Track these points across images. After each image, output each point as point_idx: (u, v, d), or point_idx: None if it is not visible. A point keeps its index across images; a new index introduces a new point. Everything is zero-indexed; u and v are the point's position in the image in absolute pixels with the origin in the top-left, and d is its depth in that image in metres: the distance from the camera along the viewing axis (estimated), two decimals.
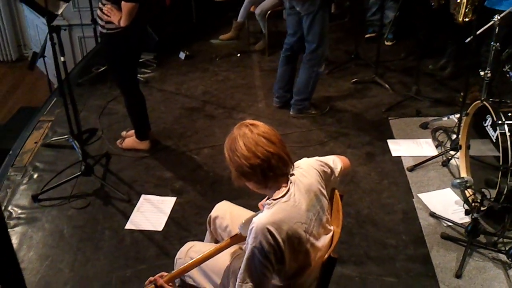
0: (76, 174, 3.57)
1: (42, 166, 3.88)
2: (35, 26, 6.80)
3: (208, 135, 4.24)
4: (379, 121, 4.36)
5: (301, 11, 4.03)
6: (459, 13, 4.38)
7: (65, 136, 4.07)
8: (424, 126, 4.20)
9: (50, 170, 3.81)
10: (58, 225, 3.33)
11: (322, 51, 4.19)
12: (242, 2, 5.65)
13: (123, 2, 3.31)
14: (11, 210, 3.45)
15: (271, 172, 1.96)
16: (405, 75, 5.08)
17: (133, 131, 4.01)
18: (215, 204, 2.56)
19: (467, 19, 4.31)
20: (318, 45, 4.13)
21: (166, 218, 3.34)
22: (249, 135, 1.95)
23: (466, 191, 3.34)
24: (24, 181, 3.72)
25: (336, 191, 2.23)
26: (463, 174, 3.51)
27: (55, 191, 3.56)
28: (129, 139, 4.03)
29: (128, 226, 3.29)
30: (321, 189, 2.10)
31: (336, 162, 2.25)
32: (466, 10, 4.29)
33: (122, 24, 3.37)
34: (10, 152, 4.10)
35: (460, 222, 3.23)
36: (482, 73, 3.40)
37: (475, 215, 2.97)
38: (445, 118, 4.18)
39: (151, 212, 3.39)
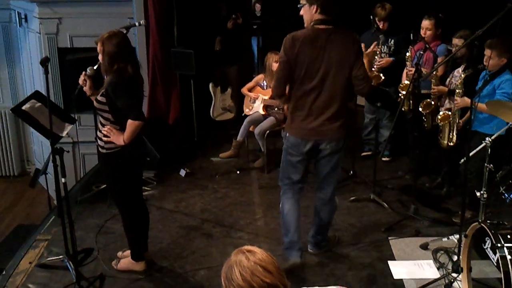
0: None
1: None
2: (40, 143, 6.98)
3: (205, 255, 4.17)
4: (379, 241, 4.30)
5: (326, 149, 3.74)
6: (443, 138, 4.54)
7: (60, 257, 4.00)
8: (424, 246, 4.14)
9: None
10: None
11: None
12: (241, 122, 5.86)
13: (129, 120, 3.40)
14: None
15: None
16: (402, 193, 5.11)
17: (129, 251, 3.96)
18: None
19: (451, 144, 4.45)
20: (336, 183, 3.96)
21: None
22: (245, 263, 1.91)
23: None
24: None
25: None
26: None
27: None
28: (125, 260, 3.96)
29: None
30: None
31: None
32: (450, 135, 4.44)
33: (125, 141, 3.44)
34: (3, 272, 4.01)
35: None
36: (478, 194, 3.43)
37: None
38: (445, 239, 4.14)
39: None
